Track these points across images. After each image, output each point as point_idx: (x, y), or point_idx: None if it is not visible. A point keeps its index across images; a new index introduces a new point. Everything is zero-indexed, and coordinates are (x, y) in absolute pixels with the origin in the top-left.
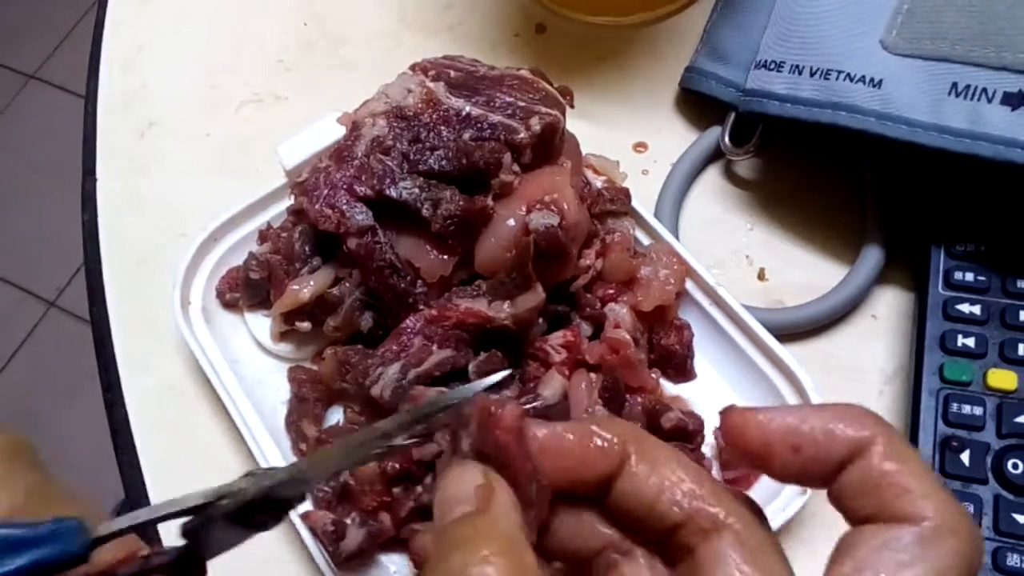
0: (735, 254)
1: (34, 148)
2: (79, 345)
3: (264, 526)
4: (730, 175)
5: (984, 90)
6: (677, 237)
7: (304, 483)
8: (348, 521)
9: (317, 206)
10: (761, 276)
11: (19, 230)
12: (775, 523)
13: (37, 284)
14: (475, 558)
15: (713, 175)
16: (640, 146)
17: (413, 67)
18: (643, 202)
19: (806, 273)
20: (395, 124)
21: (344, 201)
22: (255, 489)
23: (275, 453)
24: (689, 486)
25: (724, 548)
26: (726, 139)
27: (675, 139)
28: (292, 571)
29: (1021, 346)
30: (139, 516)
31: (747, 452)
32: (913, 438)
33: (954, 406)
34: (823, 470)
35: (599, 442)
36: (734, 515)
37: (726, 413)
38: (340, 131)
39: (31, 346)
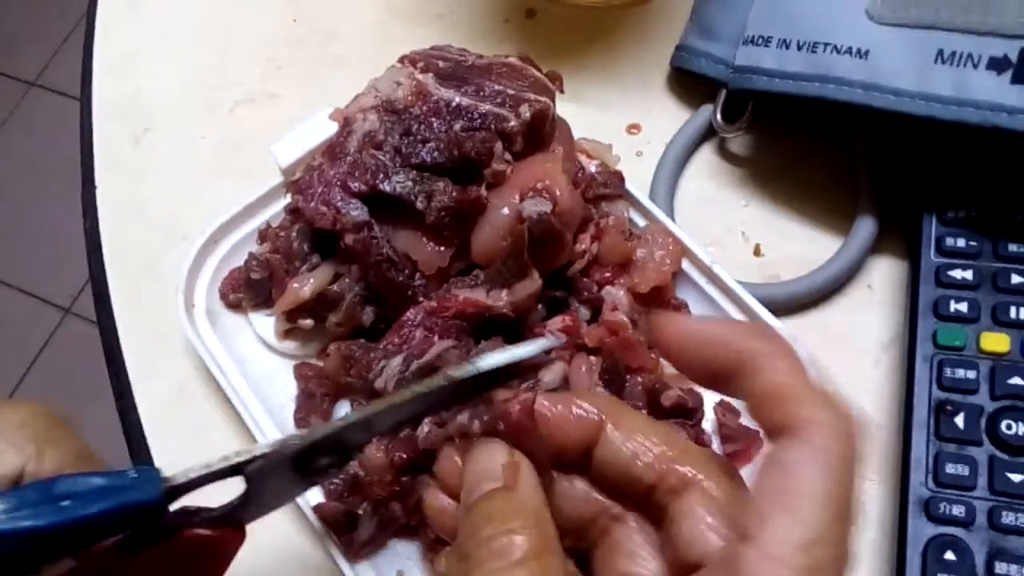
0: (730, 231)
1: (43, 154)
2: (98, 350)
3: (325, 472)
4: (724, 152)
5: (970, 56)
6: (673, 217)
7: (371, 429)
8: (359, 511)
9: (312, 204)
10: (757, 252)
11: (31, 237)
12: None
13: (52, 291)
14: (504, 529)
15: (707, 153)
16: (633, 128)
17: (402, 59)
18: (638, 183)
19: (801, 246)
20: (386, 118)
21: (338, 198)
22: (323, 430)
23: None
24: (660, 449)
25: (691, 503)
26: (718, 116)
27: (668, 119)
28: (306, 562)
29: (1013, 309)
30: (212, 465)
31: (660, 344)
32: (908, 404)
33: (948, 371)
34: (717, 372)
35: (579, 412)
36: (702, 472)
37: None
38: (333, 126)
39: (48, 354)
